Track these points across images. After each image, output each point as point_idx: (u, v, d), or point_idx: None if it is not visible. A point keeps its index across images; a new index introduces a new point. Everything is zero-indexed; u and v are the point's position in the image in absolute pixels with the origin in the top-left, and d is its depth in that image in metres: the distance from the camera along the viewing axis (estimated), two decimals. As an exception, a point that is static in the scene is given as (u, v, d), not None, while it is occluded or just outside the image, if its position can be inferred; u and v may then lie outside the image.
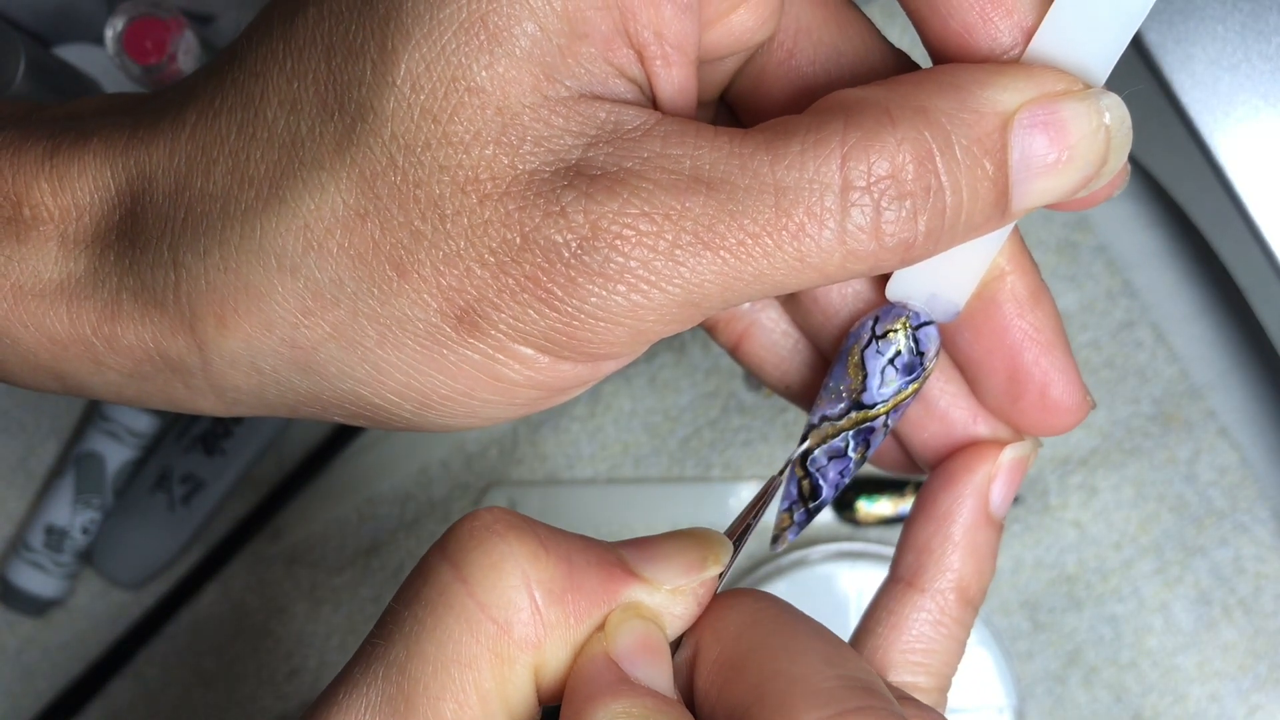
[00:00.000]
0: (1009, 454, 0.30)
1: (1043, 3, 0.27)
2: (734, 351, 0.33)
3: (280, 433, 0.60)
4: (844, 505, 0.59)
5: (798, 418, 0.60)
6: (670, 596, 0.26)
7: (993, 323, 0.30)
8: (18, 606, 0.60)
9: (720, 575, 0.27)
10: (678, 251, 0.25)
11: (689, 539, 0.27)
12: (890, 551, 0.58)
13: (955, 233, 0.26)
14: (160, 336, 0.27)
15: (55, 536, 0.59)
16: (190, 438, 0.59)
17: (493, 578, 0.25)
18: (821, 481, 0.31)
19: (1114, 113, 0.26)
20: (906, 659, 0.30)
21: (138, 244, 0.27)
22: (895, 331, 0.29)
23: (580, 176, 0.25)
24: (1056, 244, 0.60)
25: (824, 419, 0.30)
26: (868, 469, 0.59)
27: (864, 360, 0.30)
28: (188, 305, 0.26)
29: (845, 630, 0.59)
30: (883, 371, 0.30)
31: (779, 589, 0.58)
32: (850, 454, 0.30)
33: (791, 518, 0.31)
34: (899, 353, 0.29)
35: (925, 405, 0.31)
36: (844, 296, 0.31)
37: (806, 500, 0.31)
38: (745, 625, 0.26)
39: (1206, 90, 0.50)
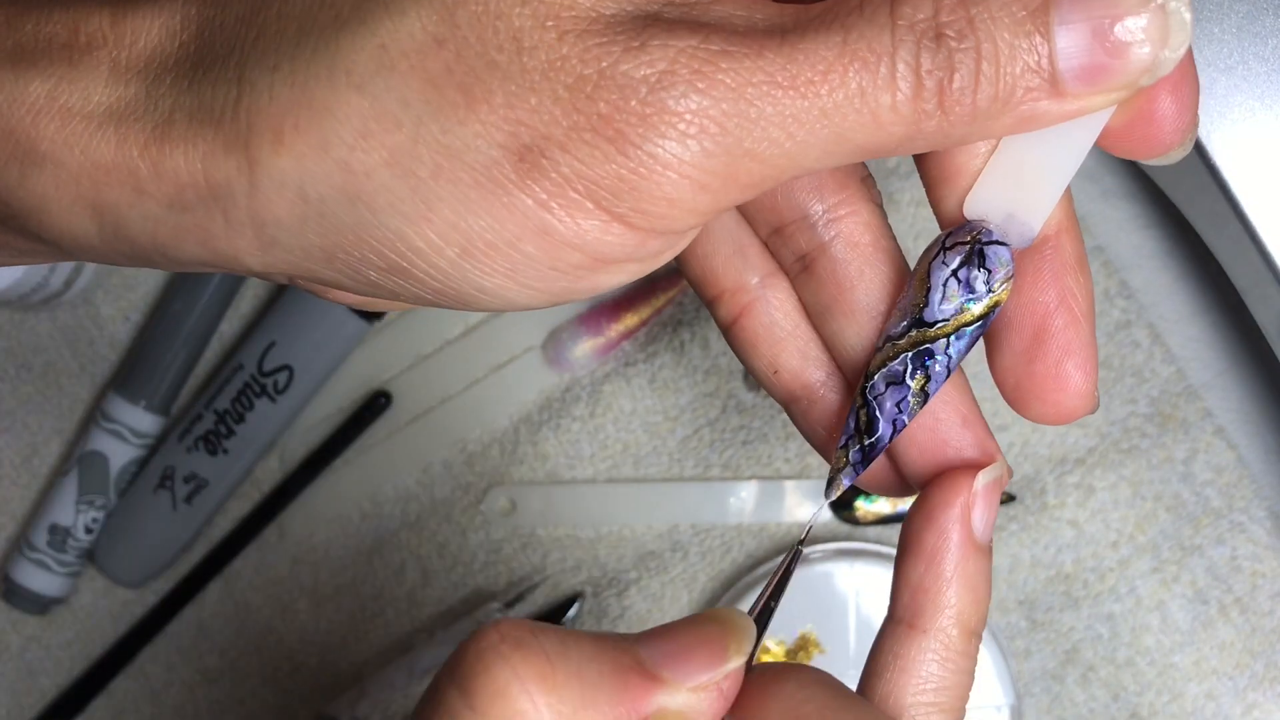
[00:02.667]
0: (982, 479, 0.30)
1: None
2: (730, 327, 0.33)
3: (282, 433, 0.60)
4: (843, 504, 0.59)
5: (797, 417, 0.60)
6: (693, 696, 0.26)
7: (1035, 274, 0.29)
8: (21, 605, 0.60)
9: (747, 663, 0.26)
10: (750, 91, 0.25)
11: (708, 625, 0.27)
12: (889, 550, 0.58)
13: (998, 97, 0.26)
14: (210, 156, 0.26)
15: (59, 535, 0.59)
16: (193, 437, 0.59)
17: (499, 705, 0.24)
18: (878, 413, 0.29)
19: None
20: (920, 700, 0.30)
21: (201, 66, 0.27)
22: (964, 244, 0.29)
23: (659, 20, 0.25)
24: (1054, 245, 0.60)
25: (887, 340, 0.30)
26: (866, 468, 0.60)
27: (929, 272, 0.29)
28: (246, 121, 0.26)
29: (845, 630, 0.59)
30: (945, 285, 0.29)
31: (778, 588, 0.58)
32: (909, 380, 0.29)
33: (847, 456, 0.30)
34: (964, 267, 0.29)
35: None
36: (861, 274, 0.31)
37: (862, 435, 0.30)
38: (794, 715, 0.25)
39: (1203, 91, 0.50)
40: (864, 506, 0.59)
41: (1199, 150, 0.50)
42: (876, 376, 0.29)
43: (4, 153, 0.27)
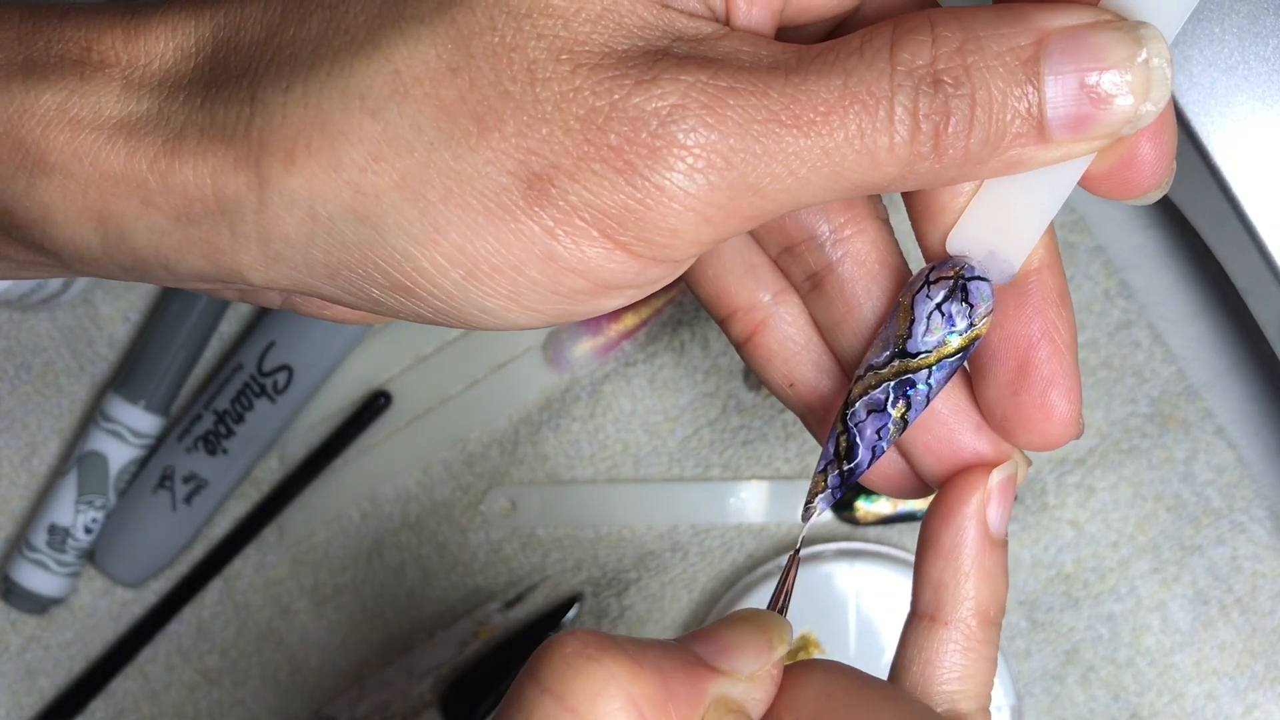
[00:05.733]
0: (997, 476, 0.31)
1: None
2: (744, 344, 0.34)
3: (282, 433, 0.60)
4: (843, 504, 0.59)
5: (796, 418, 0.60)
6: (750, 683, 0.27)
7: (1019, 309, 0.30)
8: (21, 605, 0.60)
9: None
10: (755, 127, 0.26)
11: (750, 623, 0.28)
12: (889, 550, 0.59)
13: (989, 141, 0.27)
14: (220, 172, 0.27)
15: (58, 535, 0.59)
16: (193, 438, 0.59)
17: (600, 704, 0.25)
18: (858, 439, 0.30)
19: (1153, 46, 0.27)
20: (945, 690, 0.31)
21: (214, 85, 0.27)
22: (948, 279, 0.30)
23: (670, 56, 0.26)
24: (1054, 245, 0.60)
25: (869, 368, 0.30)
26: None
27: (913, 305, 0.30)
28: (258, 140, 0.26)
29: (845, 630, 0.59)
30: (929, 318, 0.30)
31: (778, 588, 0.58)
32: (890, 409, 0.30)
33: (825, 481, 0.31)
34: (947, 300, 0.30)
35: (929, 413, 0.32)
36: (869, 292, 0.32)
37: (842, 460, 0.31)
38: (822, 701, 0.27)
39: (1204, 92, 0.51)
40: (864, 507, 0.59)
41: (1199, 150, 0.50)
42: (858, 404, 0.30)
43: (13, 162, 0.28)
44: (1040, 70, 0.26)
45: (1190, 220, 0.55)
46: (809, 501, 0.32)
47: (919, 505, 0.59)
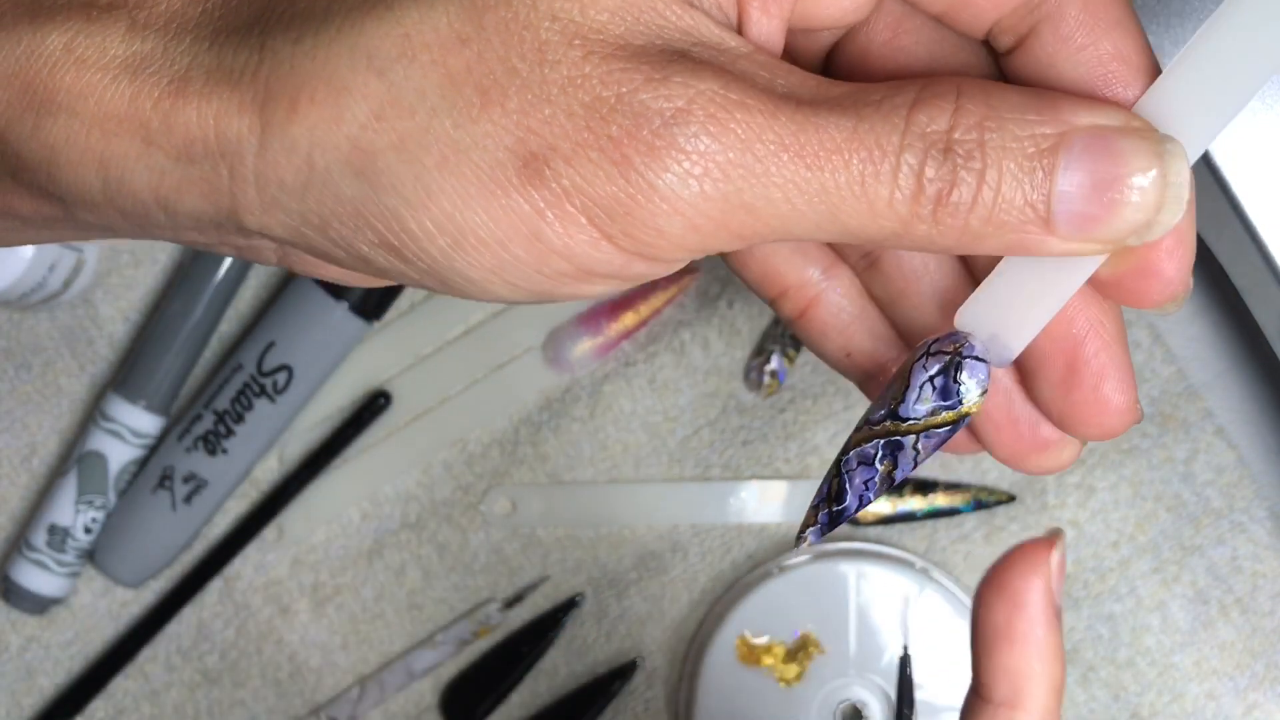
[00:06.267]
0: (1055, 556, 0.31)
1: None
2: (797, 320, 0.34)
3: (282, 432, 0.60)
4: (843, 505, 0.59)
5: (796, 418, 0.60)
6: None
7: (1062, 310, 0.30)
8: (20, 605, 0.60)
9: None
10: (758, 147, 0.26)
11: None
12: (889, 550, 0.59)
13: (991, 220, 0.27)
14: (224, 114, 0.27)
15: (58, 535, 0.59)
16: (192, 437, 0.59)
17: None
18: (847, 486, 0.31)
19: (1173, 164, 0.27)
20: None
21: (223, 31, 0.28)
22: (945, 354, 0.30)
23: (686, 58, 0.26)
24: (1054, 245, 0.60)
25: (867, 422, 0.31)
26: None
27: (910, 372, 0.30)
28: (264, 86, 0.27)
29: (845, 629, 0.59)
30: (921, 388, 0.30)
31: (778, 587, 0.58)
32: (877, 465, 0.31)
33: (816, 517, 0.32)
34: (941, 375, 0.30)
35: (1004, 396, 0.32)
36: (926, 267, 0.32)
37: (832, 502, 0.31)
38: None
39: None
40: (864, 507, 0.59)
41: (1200, 150, 0.50)
42: (852, 454, 0.31)
43: (20, 104, 0.28)
44: (1057, 163, 0.26)
45: (1190, 220, 0.55)
46: (801, 532, 0.32)
47: (918, 505, 0.59)
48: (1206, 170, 0.51)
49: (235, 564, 0.61)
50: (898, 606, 0.58)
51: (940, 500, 0.59)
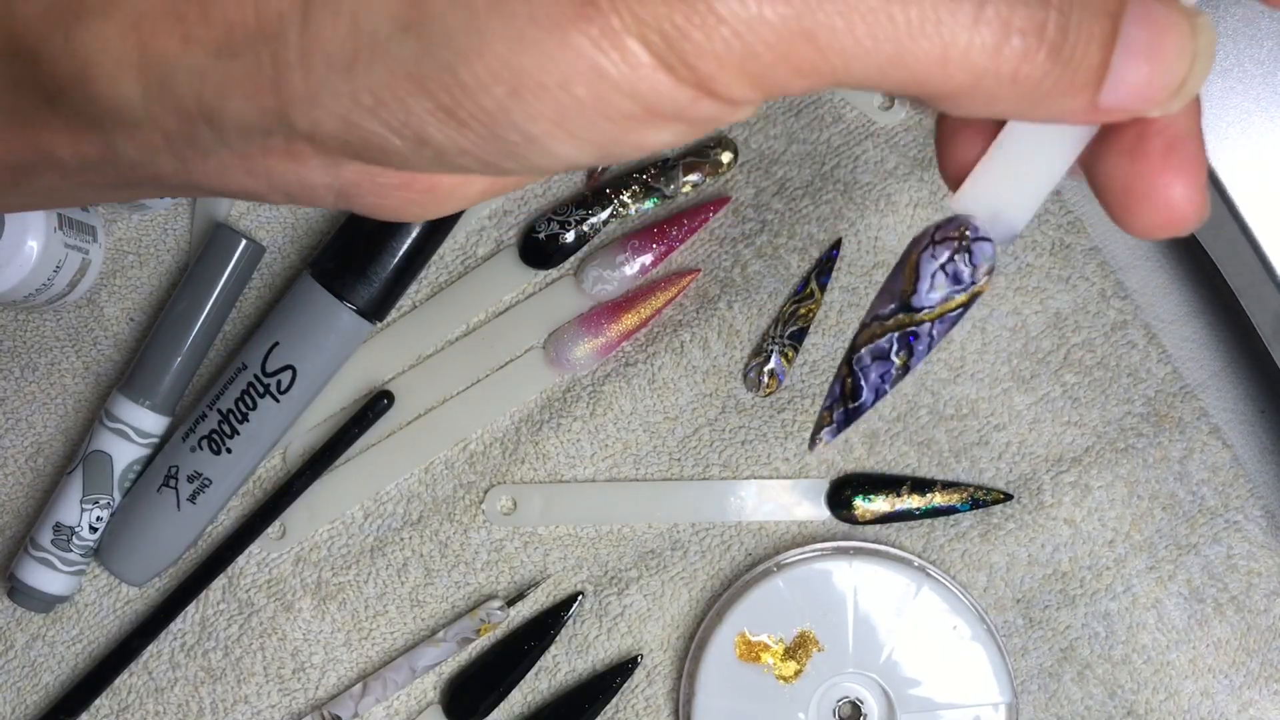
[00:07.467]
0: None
1: None
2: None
3: (285, 432, 0.60)
4: (841, 503, 0.60)
5: (795, 417, 0.60)
6: None
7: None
8: (26, 603, 0.60)
9: None
10: None
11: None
12: (887, 549, 0.59)
13: (1055, 76, 0.26)
14: None
15: (63, 534, 0.59)
16: (197, 437, 0.59)
17: None
18: (863, 382, 0.31)
19: (1204, 35, 0.27)
20: None
21: None
22: (952, 239, 0.30)
23: None
24: (1050, 245, 0.60)
25: (875, 318, 0.31)
26: (865, 466, 0.60)
27: (918, 263, 0.31)
28: None
29: (844, 628, 0.59)
30: (933, 276, 0.30)
31: (777, 585, 0.58)
32: (893, 357, 0.31)
33: (831, 416, 0.32)
34: (951, 260, 0.30)
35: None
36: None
37: (847, 400, 0.32)
38: None
39: (1200, 93, 0.51)
40: (862, 505, 0.60)
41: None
42: (863, 350, 0.31)
43: (51, 16, 0.27)
44: (1121, 22, 0.26)
45: (1185, 222, 0.55)
46: (815, 433, 0.32)
47: (916, 504, 0.59)
48: (1200, 172, 0.51)
49: (239, 562, 0.61)
50: (895, 604, 0.58)
51: (938, 499, 0.59)
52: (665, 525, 0.61)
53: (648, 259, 0.60)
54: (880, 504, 0.59)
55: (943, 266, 0.30)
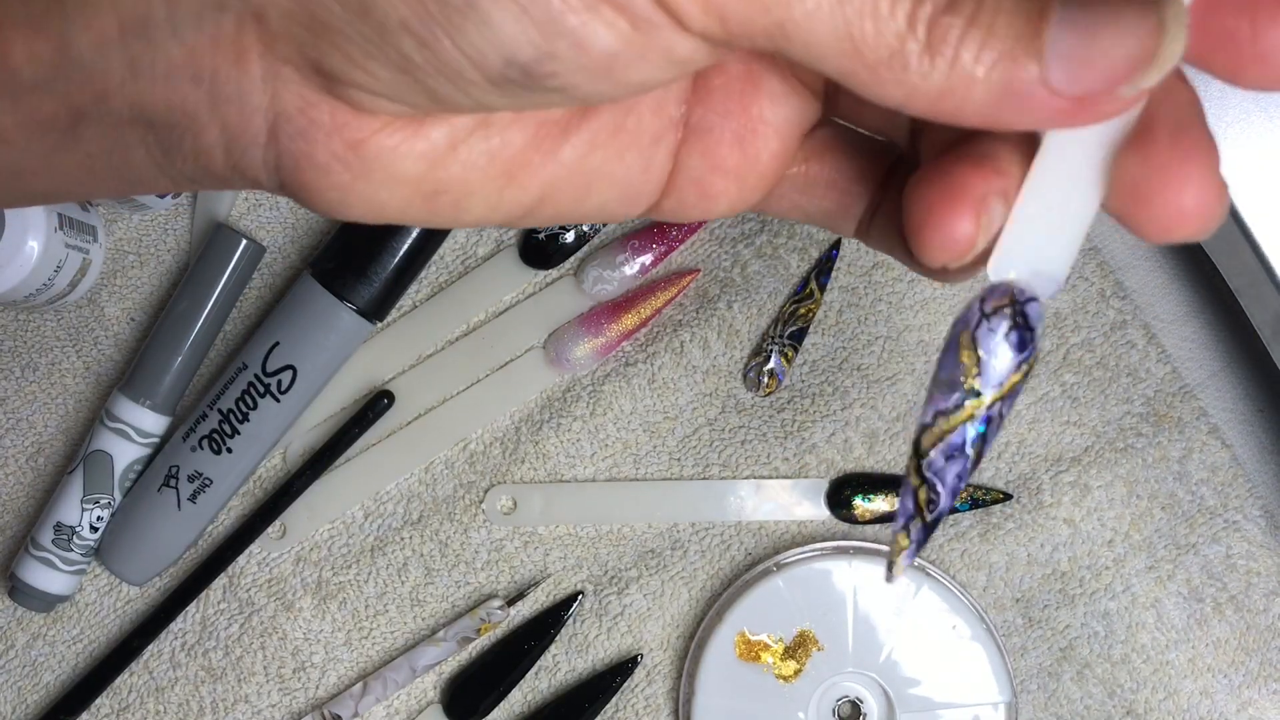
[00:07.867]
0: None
1: None
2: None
3: (286, 432, 0.60)
4: (840, 503, 0.60)
5: (794, 417, 0.60)
6: None
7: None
8: (27, 603, 0.60)
9: None
10: None
11: None
12: (886, 548, 0.59)
13: (981, 30, 0.25)
14: None
15: (64, 534, 0.59)
16: (197, 437, 0.59)
17: None
18: (940, 488, 0.29)
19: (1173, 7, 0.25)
20: None
21: None
22: (1004, 308, 0.29)
23: None
24: (1050, 246, 0.60)
25: (937, 415, 0.29)
26: (865, 466, 0.60)
27: (976, 340, 0.29)
28: None
29: (844, 627, 0.59)
30: (996, 349, 0.29)
31: (776, 586, 0.58)
32: (968, 450, 0.29)
33: (908, 536, 0.30)
34: (1012, 328, 0.29)
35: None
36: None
37: (924, 512, 0.29)
38: None
39: (1198, 93, 0.51)
40: (861, 505, 0.60)
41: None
42: (934, 453, 0.29)
43: None
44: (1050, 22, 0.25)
45: (1184, 222, 0.55)
46: (890, 564, 0.30)
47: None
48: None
49: (239, 561, 0.61)
50: (895, 604, 0.58)
51: (937, 499, 0.59)
52: (665, 525, 0.61)
53: (648, 259, 0.61)
54: (880, 504, 0.59)
55: (1005, 337, 0.28)
